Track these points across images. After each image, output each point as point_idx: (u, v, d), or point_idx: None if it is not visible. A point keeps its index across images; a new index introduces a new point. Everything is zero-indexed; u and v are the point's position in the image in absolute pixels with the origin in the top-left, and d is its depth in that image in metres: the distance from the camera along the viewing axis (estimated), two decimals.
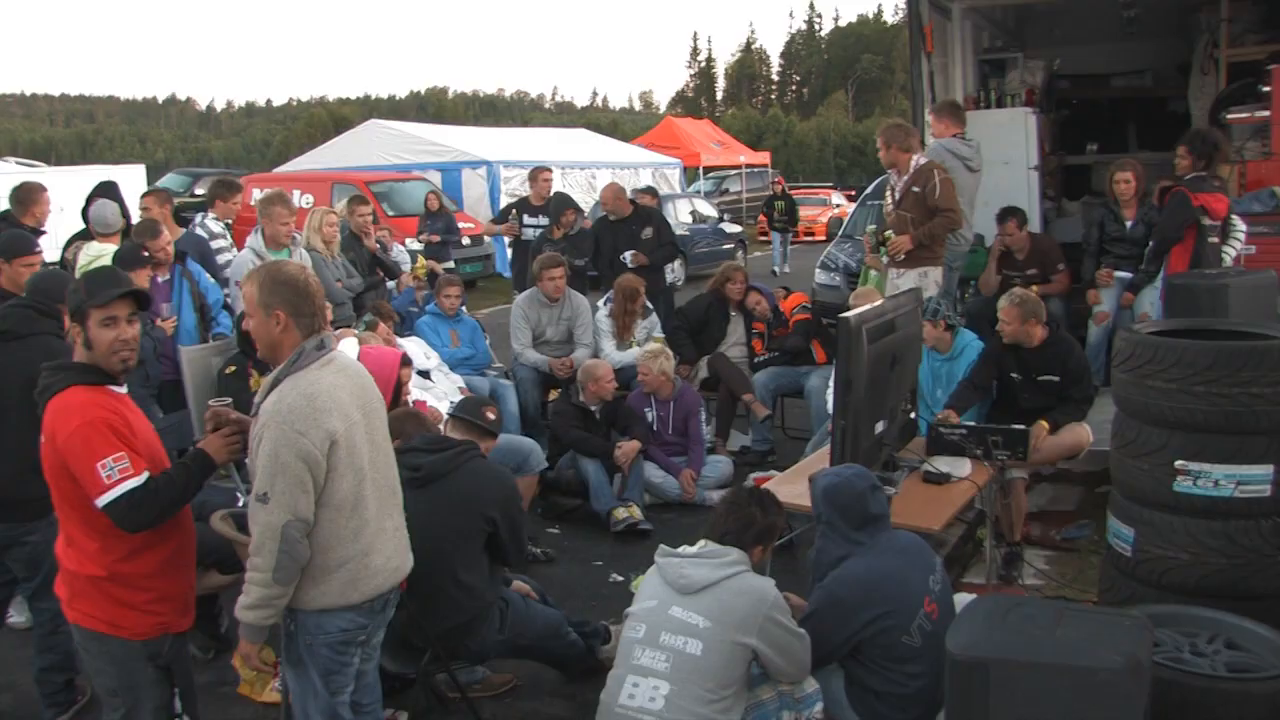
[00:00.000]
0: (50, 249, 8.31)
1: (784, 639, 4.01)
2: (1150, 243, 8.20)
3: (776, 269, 23.12)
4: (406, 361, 6.69)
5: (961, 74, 10.71)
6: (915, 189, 7.88)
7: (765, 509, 4.26)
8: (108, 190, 8.68)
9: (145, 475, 3.60)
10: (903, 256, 7.95)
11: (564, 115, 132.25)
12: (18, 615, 6.32)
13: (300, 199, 17.81)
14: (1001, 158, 9.59)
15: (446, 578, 4.71)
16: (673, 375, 8.07)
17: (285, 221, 7.78)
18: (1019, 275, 8.97)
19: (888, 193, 8.60)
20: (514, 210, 11.56)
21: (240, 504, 5.97)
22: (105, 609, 3.71)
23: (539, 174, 11.73)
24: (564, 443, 7.73)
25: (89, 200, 8.47)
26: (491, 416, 5.47)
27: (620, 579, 6.66)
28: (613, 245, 10.19)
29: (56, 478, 3.66)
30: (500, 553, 4.94)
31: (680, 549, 4.17)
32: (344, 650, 3.73)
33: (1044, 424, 6.39)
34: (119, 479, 3.54)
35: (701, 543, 4.17)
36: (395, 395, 5.80)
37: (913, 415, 6.16)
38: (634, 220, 10.28)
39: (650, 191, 13.96)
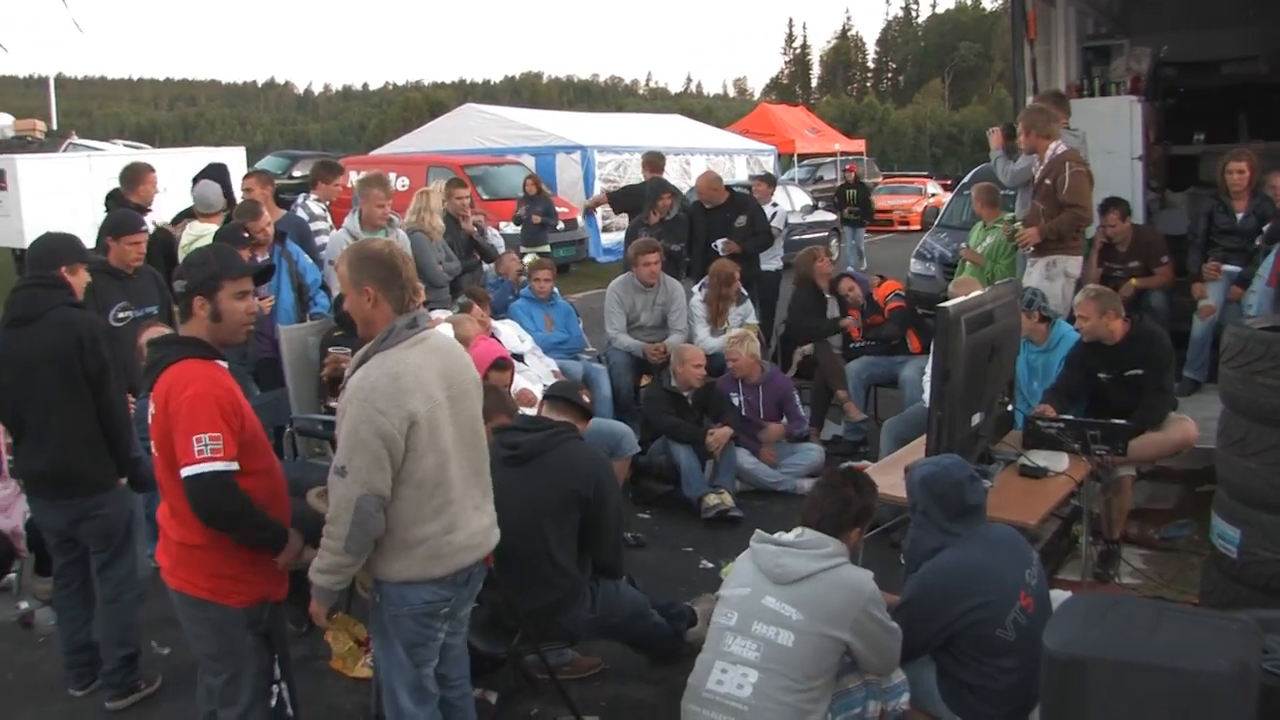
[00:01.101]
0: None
1: (877, 634, 3.97)
2: (1263, 235, 7.99)
3: (852, 268, 20.99)
4: (504, 366, 6.74)
5: (1064, 61, 10.52)
6: (1047, 181, 7.78)
7: (861, 490, 4.23)
8: (216, 172, 8.88)
9: (234, 464, 3.65)
10: (1031, 248, 7.90)
11: (658, 101, 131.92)
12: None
13: (396, 182, 17.99)
14: (1104, 147, 9.36)
15: (541, 555, 4.75)
16: (760, 357, 8.02)
17: (381, 203, 7.88)
18: (1121, 268, 8.80)
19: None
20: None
21: None
22: (205, 577, 3.78)
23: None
24: (656, 428, 7.74)
25: (197, 180, 8.66)
26: (586, 399, 5.48)
27: (710, 565, 6.66)
28: (707, 232, 10.18)
29: (162, 446, 3.71)
30: (597, 535, 4.96)
31: (778, 535, 4.14)
32: (428, 623, 3.78)
33: None
34: (209, 457, 3.59)
35: (799, 530, 4.13)
36: None
37: (1009, 408, 6.07)
38: (728, 208, 10.26)
39: (767, 179, 13.91)
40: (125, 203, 8.06)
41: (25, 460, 5.09)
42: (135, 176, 8.33)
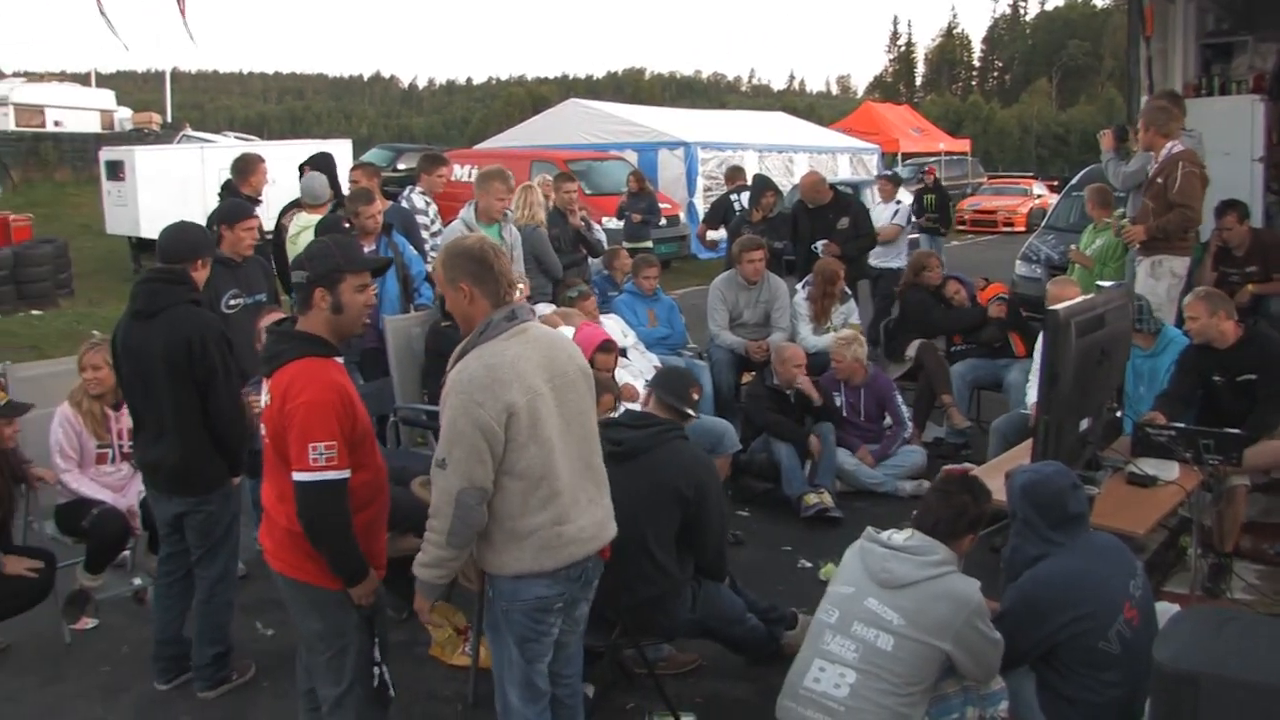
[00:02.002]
0: (265, 219, 8.70)
1: (980, 645, 3.93)
2: None
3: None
4: (609, 348, 6.76)
5: (1182, 59, 10.27)
6: (1159, 179, 7.63)
7: (976, 497, 4.19)
8: (322, 161, 9.02)
9: (346, 471, 3.70)
10: (1138, 246, 7.79)
11: (760, 98, 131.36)
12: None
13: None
14: (1222, 148, 9.13)
15: (640, 552, 4.76)
16: (865, 361, 7.97)
17: (502, 197, 7.88)
18: (1237, 272, 8.58)
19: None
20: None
21: None
22: (310, 560, 3.83)
23: None
24: (757, 425, 7.73)
25: (304, 169, 8.82)
26: (696, 396, 5.46)
27: (808, 565, 6.66)
28: (810, 232, 10.14)
29: (277, 439, 3.76)
30: (699, 535, 4.95)
31: (888, 535, 4.11)
32: (541, 618, 3.76)
33: None
34: (324, 465, 3.65)
35: (909, 532, 4.10)
36: None
37: (1118, 414, 5.96)
38: (831, 209, 10.22)
39: (893, 179, 13.81)
40: (237, 193, 8.24)
41: (142, 450, 5.22)
42: (246, 167, 8.50)
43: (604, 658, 5.03)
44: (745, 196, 11.51)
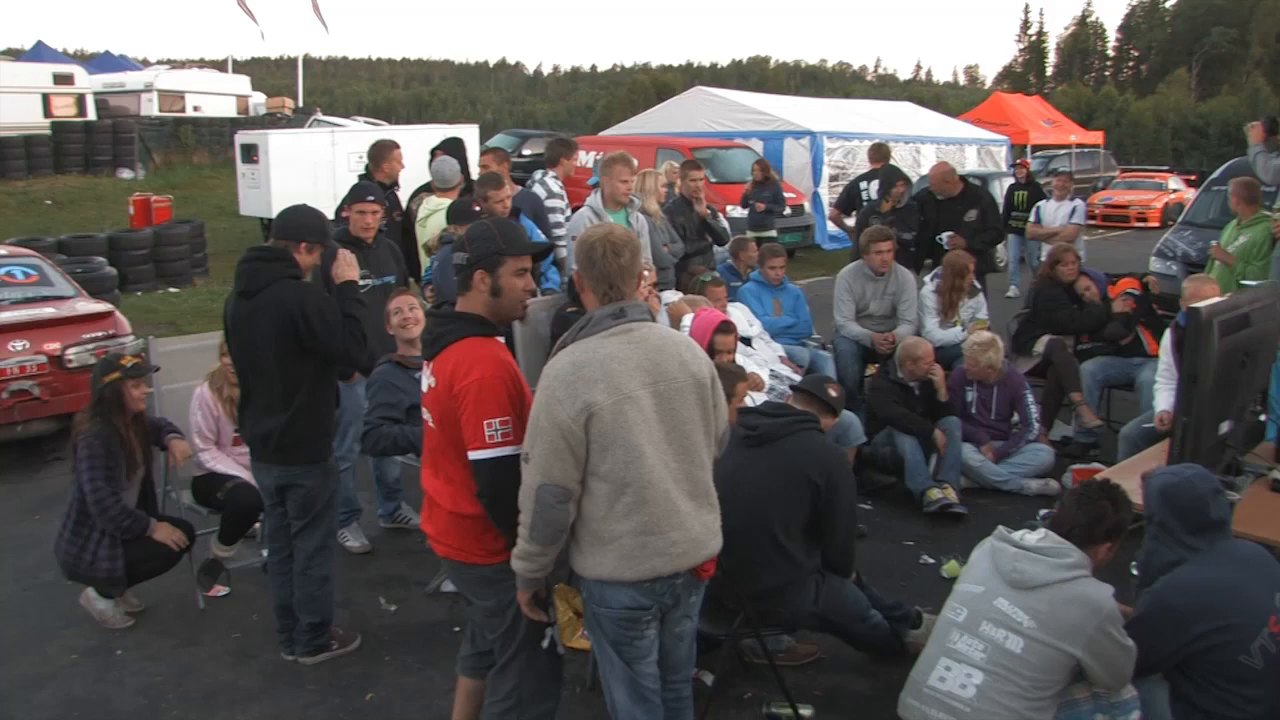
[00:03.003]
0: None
1: (1112, 652, 3.82)
2: None
3: (1015, 290, 16.10)
4: (728, 329, 6.75)
5: None
6: None
7: (1117, 504, 4.06)
8: (453, 146, 9.11)
9: (520, 446, 3.62)
10: None
11: (886, 88, 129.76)
12: (353, 539, 6.81)
13: None
14: None
15: (766, 538, 4.75)
16: (1000, 367, 7.82)
17: (625, 180, 7.89)
18: None
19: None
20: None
21: None
22: (478, 542, 3.84)
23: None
24: (881, 418, 7.66)
25: (434, 154, 8.92)
26: (834, 394, 5.43)
27: (931, 561, 6.59)
28: (936, 223, 10.00)
29: (445, 422, 3.76)
30: (828, 528, 4.92)
31: (1020, 535, 4.02)
32: (629, 627, 3.66)
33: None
34: (500, 441, 3.62)
35: (1042, 533, 4.01)
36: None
37: (1262, 418, 5.75)
38: (960, 201, 10.05)
39: (1069, 175, 13.51)
40: (371, 179, 8.35)
41: (250, 423, 5.34)
42: (379, 154, 8.58)
43: (724, 646, 5.02)
44: (875, 185, 11.39)
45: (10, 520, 7.67)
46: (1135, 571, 5.21)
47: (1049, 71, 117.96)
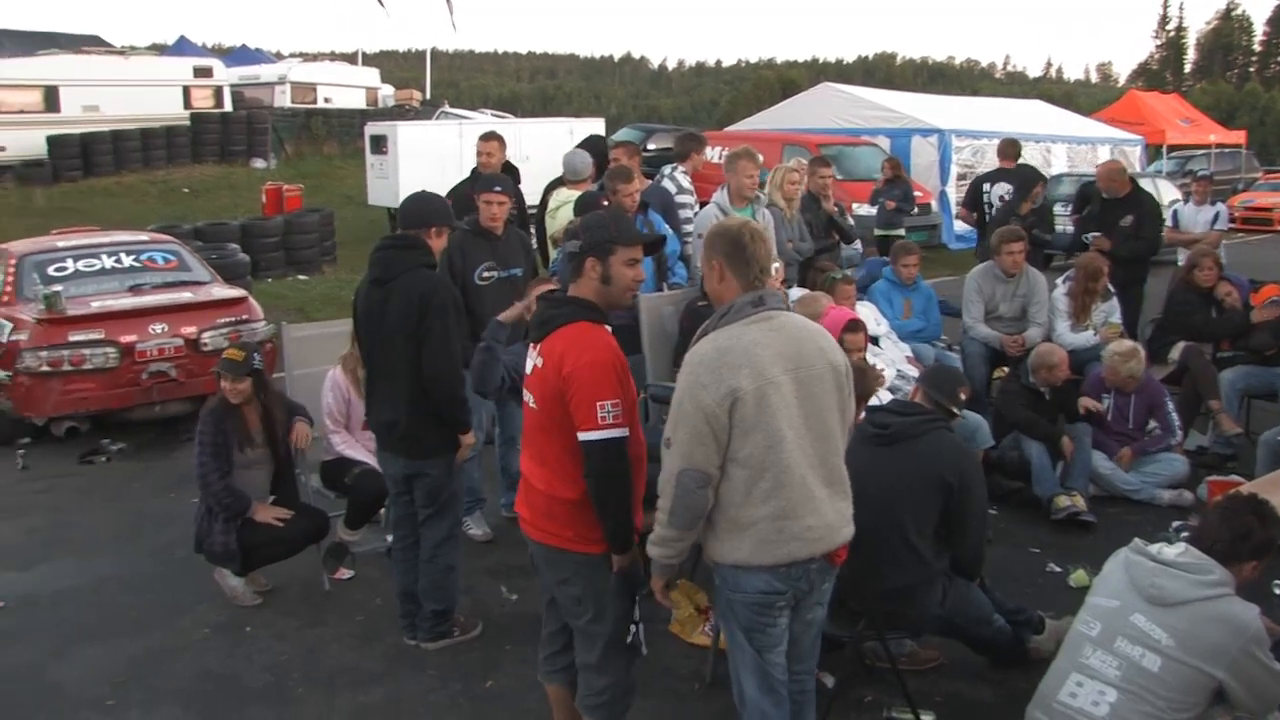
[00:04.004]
0: (530, 195, 8.90)
1: (1258, 675, 3.67)
2: None
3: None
4: (856, 327, 6.66)
5: None
6: None
7: (1264, 520, 3.90)
8: (593, 142, 9.18)
9: (627, 430, 3.70)
10: None
11: (1014, 86, 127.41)
12: (476, 528, 6.88)
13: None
14: None
15: (896, 536, 4.68)
16: (1140, 376, 7.59)
17: (750, 175, 7.83)
18: None
19: None
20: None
21: None
22: (572, 527, 3.86)
23: None
24: (1009, 422, 7.50)
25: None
26: (964, 396, 5.34)
27: (1057, 569, 6.43)
28: (1099, 221, 9.78)
29: (549, 402, 3.79)
30: (958, 528, 4.84)
31: (1157, 548, 3.89)
32: (763, 612, 3.67)
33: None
34: (611, 424, 3.65)
35: (1182, 547, 3.87)
36: None
37: None
38: (1121, 204, 9.77)
39: (1208, 178, 13.14)
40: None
41: (376, 411, 5.41)
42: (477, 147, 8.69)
43: (847, 648, 4.97)
44: (998, 188, 11.17)
45: (147, 497, 7.93)
46: (1279, 591, 5.07)
47: (1188, 68, 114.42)
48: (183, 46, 39.29)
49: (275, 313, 11.26)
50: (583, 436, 3.68)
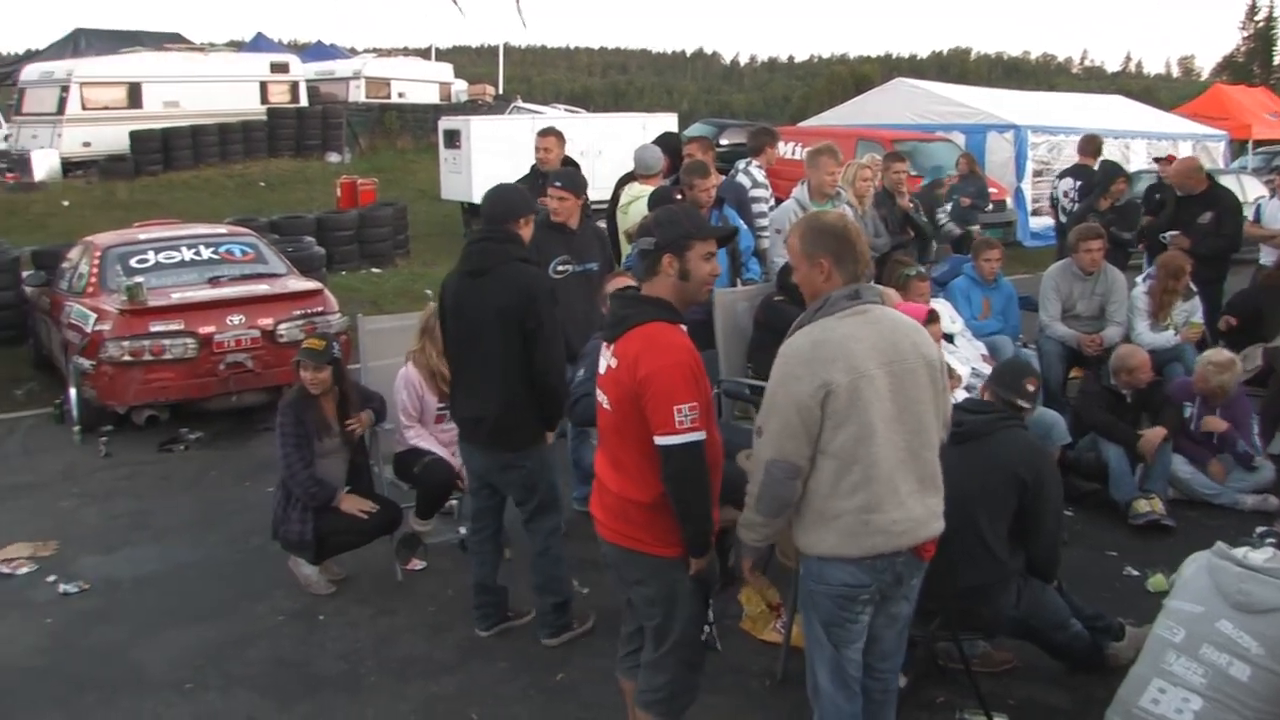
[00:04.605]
0: (603, 190, 8.91)
1: None
2: None
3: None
4: (933, 319, 6.61)
5: None
6: None
7: None
8: (667, 139, 9.19)
9: (704, 433, 3.67)
10: None
11: (1092, 81, 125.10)
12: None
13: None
14: None
15: (971, 534, 4.64)
16: (1231, 390, 7.41)
17: (831, 172, 7.83)
18: None
19: None
20: None
21: None
22: (646, 530, 3.83)
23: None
24: (1087, 423, 7.39)
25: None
26: (1030, 388, 5.27)
27: (1135, 574, 6.33)
28: (1172, 219, 9.62)
29: (624, 404, 3.76)
30: (1033, 527, 4.78)
31: (1242, 553, 3.81)
32: (846, 605, 3.67)
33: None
34: (689, 427, 3.61)
35: (1270, 552, 3.79)
36: None
37: None
38: (1199, 201, 9.59)
39: None
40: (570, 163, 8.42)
41: (461, 406, 5.43)
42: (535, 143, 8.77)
43: (919, 647, 4.93)
44: (1063, 183, 11.02)
45: (225, 486, 8.08)
46: None
47: (1277, 59, 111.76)
48: (260, 43, 39.76)
49: (349, 305, 11.40)
50: (660, 441, 3.65)
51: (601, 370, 3.92)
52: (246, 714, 5.04)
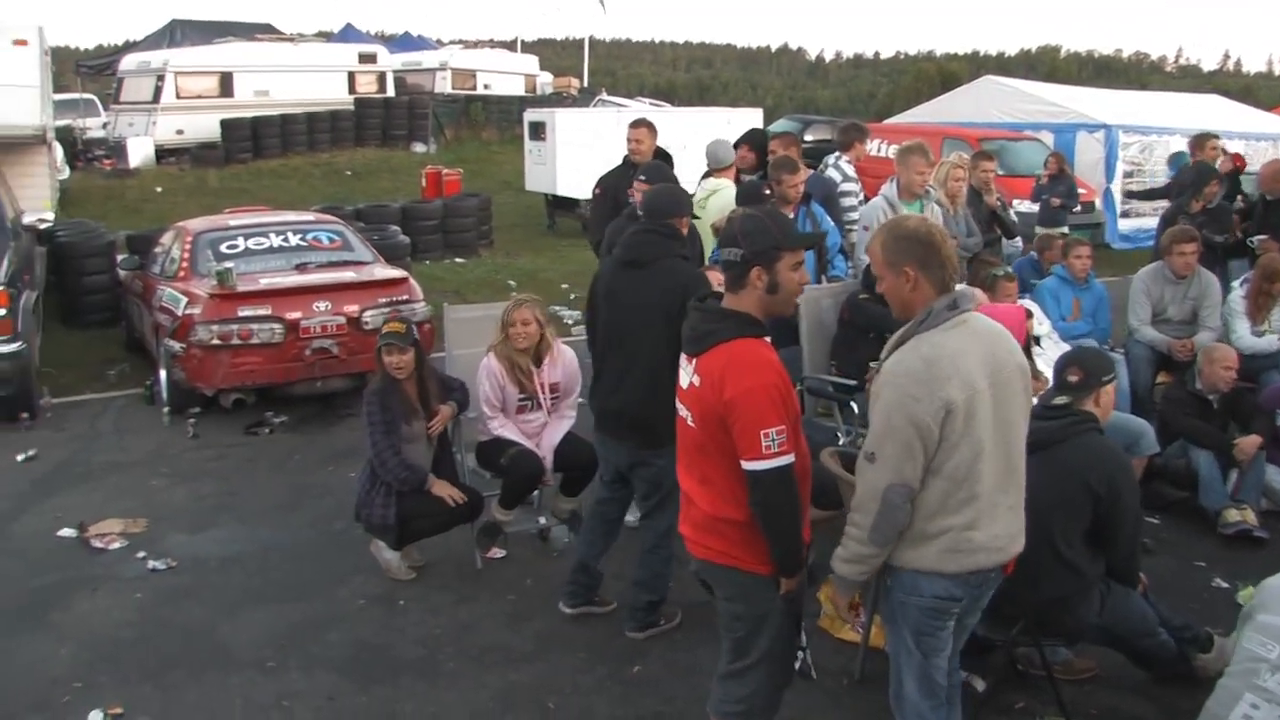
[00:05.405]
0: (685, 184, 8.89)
1: None
2: None
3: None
4: (1028, 315, 6.53)
5: None
6: None
7: None
8: (752, 135, 9.18)
9: (793, 455, 3.55)
10: None
11: (1187, 79, 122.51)
12: (631, 516, 6.93)
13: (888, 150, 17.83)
14: None
15: (1045, 547, 4.53)
16: None
17: (921, 171, 7.75)
18: None
19: None
20: None
21: (840, 442, 6.14)
22: (737, 547, 3.72)
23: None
24: (1174, 429, 7.23)
25: (738, 146, 9.00)
26: (1073, 379, 5.11)
27: (1224, 585, 6.22)
28: (1261, 223, 9.42)
29: (708, 424, 3.64)
30: (1110, 536, 4.68)
31: None
32: (936, 617, 3.62)
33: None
34: (777, 452, 3.49)
35: None
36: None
37: None
38: None
39: None
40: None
41: (601, 397, 5.43)
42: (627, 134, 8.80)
43: (999, 651, 4.89)
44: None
45: (308, 470, 8.20)
46: None
47: None
48: (348, 34, 40.36)
49: (433, 294, 11.50)
50: (747, 466, 3.54)
51: (683, 384, 3.79)
52: (327, 694, 5.13)
